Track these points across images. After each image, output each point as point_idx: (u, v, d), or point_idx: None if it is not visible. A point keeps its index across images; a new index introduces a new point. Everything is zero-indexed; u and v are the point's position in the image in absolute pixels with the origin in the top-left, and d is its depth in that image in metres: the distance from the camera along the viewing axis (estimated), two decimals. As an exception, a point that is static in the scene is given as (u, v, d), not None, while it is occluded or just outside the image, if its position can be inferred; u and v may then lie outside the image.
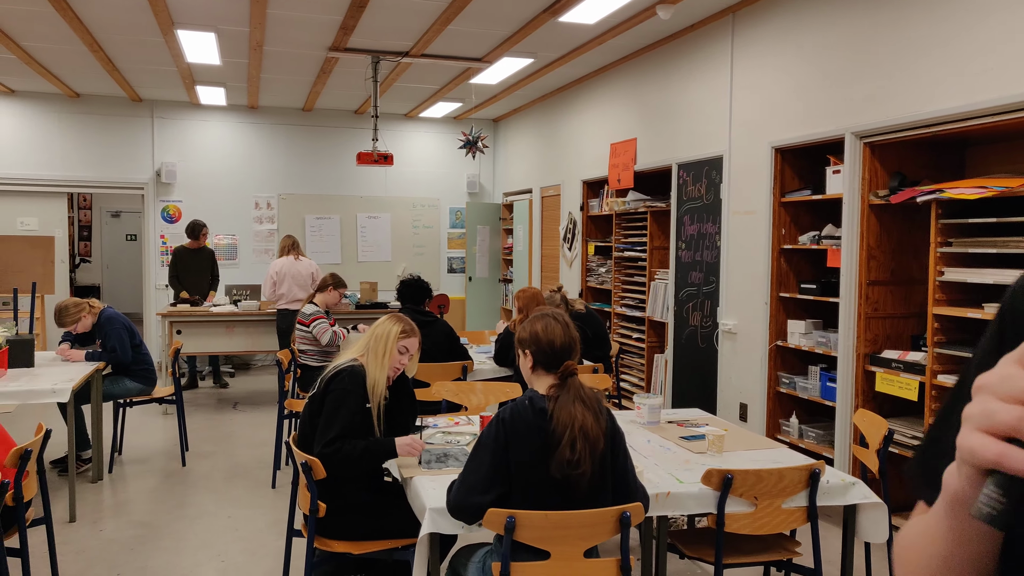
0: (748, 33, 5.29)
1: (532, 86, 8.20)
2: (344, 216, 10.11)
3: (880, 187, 4.27)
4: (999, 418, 0.51)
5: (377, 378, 3.08)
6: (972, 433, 0.53)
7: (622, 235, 7.22)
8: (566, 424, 2.32)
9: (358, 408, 3.01)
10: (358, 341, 3.26)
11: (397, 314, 3.32)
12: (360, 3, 5.35)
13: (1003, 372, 0.53)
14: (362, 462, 2.95)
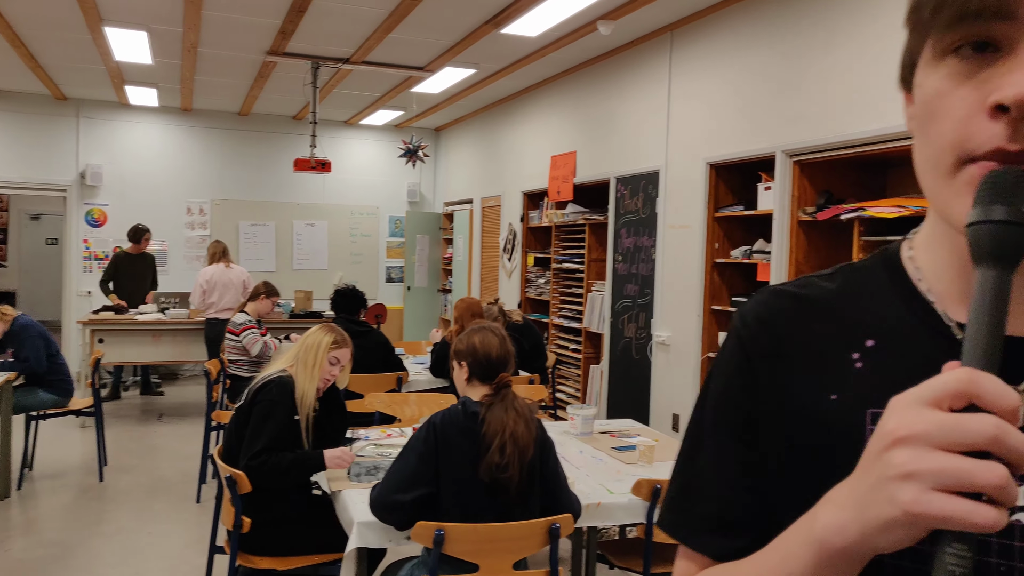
0: (685, 51, 5.39)
1: (474, 96, 8.21)
2: (280, 223, 9.93)
3: (808, 204, 4.39)
4: (979, 478, 0.45)
5: (306, 389, 3.02)
6: (930, 494, 0.46)
7: (561, 247, 7.26)
8: (497, 429, 2.36)
9: (286, 420, 2.94)
10: (288, 351, 3.19)
11: (329, 324, 3.26)
12: (300, 7, 5.27)
13: (937, 419, 0.47)
14: (289, 475, 2.89)
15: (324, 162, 7.37)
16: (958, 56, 0.56)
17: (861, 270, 0.72)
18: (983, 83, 0.54)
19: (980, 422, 0.46)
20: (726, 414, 0.73)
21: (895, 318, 0.66)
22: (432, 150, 10.62)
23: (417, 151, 8.21)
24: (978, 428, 0.46)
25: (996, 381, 0.47)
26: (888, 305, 0.68)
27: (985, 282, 0.52)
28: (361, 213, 10.37)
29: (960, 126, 0.55)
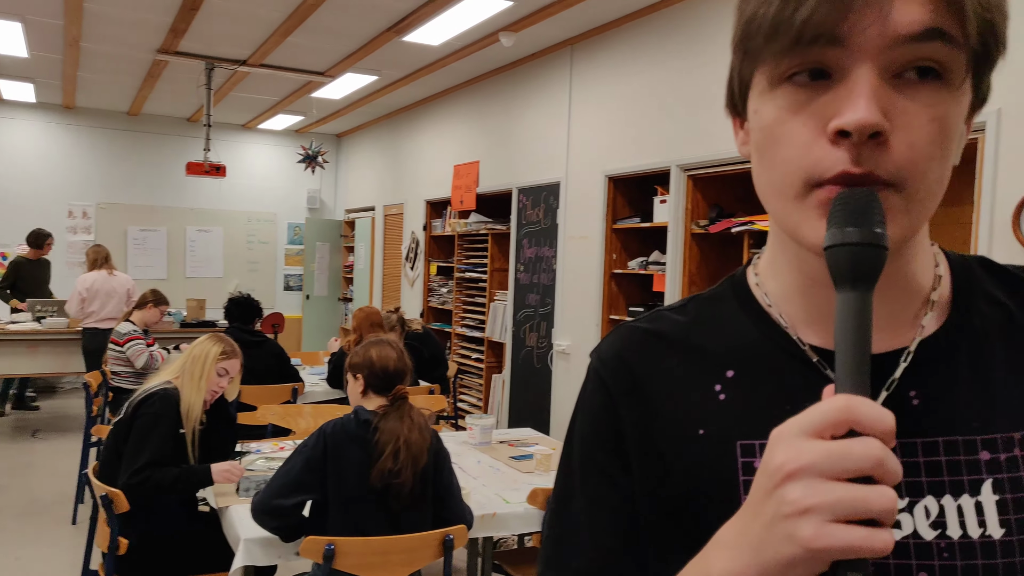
0: (585, 66, 5.49)
1: (376, 103, 8.11)
2: (172, 228, 9.53)
3: (701, 217, 4.53)
4: (875, 504, 0.45)
5: (193, 401, 2.90)
6: (830, 527, 0.46)
7: (464, 256, 7.25)
8: (391, 436, 2.36)
9: (170, 434, 2.81)
10: (174, 362, 3.06)
11: (218, 334, 3.15)
12: (192, 6, 5.09)
13: (823, 449, 0.47)
14: (174, 491, 2.77)
15: (219, 166, 7.13)
16: (793, 83, 0.56)
17: (712, 300, 0.72)
18: (822, 109, 0.54)
19: (866, 447, 0.46)
20: (594, 457, 0.70)
21: (751, 346, 0.66)
22: (333, 156, 10.44)
23: (316, 157, 8.05)
24: (864, 453, 0.46)
25: (872, 405, 0.48)
26: (743, 333, 0.68)
27: (847, 305, 0.52)
28: (259, 219, 10.08)
29: (804, 152, 0.55)
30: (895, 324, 0.63)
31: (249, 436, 4.04)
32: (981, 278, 0.67)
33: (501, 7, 4.80)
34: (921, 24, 0.52)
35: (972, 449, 0.60)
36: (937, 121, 0.54)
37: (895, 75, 0.53)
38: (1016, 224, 2.89)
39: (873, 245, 0.52)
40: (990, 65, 0.57)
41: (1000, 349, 0.63)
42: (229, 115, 9.11)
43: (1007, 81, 2.92)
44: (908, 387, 0.61)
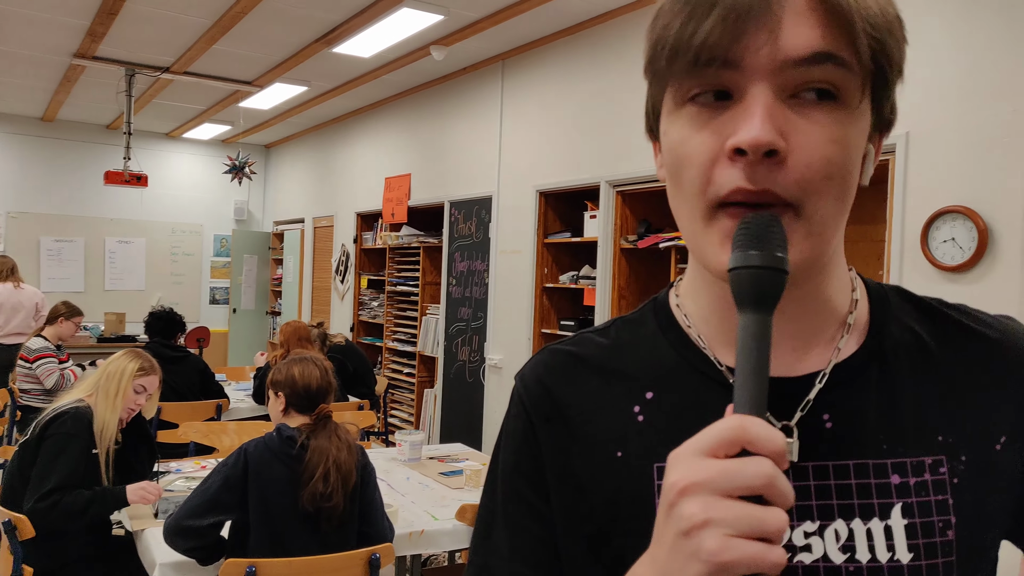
0: (516, 81, 5.53)
1: (306, 114, 8.00)
2: (90, 239, 9.18)
3: (630, 232, 4.60)
4: (770, 523, 0.46)
5: (107, 420, 2.78)
6: (732, 540, 0.46)
7: (395, 269, 7.19)
8: (320, 456, 2.30)
9: (82, 455, 2.68)
10: (87, 379, 2.93)
11: (135, 349, 3.03)
12: (111, 10, 4.92)
13: (717, 466, 0.48)
14: (86, 515, 2.63)
15: (140, 176, 6.91)
16: (696, 103, 0.57)
17: (633, 322, 0.72)
18: (721, 128, 0.55)
19: (757, 466, 0.47)
20: (516, 486, 0.70)
21: (670, 367, 0.67)
22: (261, 167, 10.23)
23: (244, 168, 7.87)
24: (755, 472, 0.47)
25: (764, 426, 0.48)
26: (662, 355, 0.68)
27: (748, 327, 0.53)
28: (183, 231, 9.79)
29: (704, 172, 0.56)
30: (811, 346, 0.64)
31: (169, 455, 3.91)
32: (896, 305, 0.68)
33: (432, 21, 4.80)
34: (810, 48, 0.53)
35: (882, 473, 0.60)
36: (835, 142, 0.54)
37: (792, 95, 0.54)
38: (924, 241, 3.02)
39: (774, 268, 0.52)
40: (888, 87, 0.58)
41: (913, 375, 0.64)
42: (152, 123, 8.85)
43: (914, 104, 3.06)
44: (822, 410, 0.62)
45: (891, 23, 0.56)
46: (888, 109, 0.60)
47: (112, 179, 6.79)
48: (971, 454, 0.62)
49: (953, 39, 2.98)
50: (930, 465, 0.61)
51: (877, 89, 0.57)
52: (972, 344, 0.65)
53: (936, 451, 0.61)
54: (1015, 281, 2.77)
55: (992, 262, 2.85)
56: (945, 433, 0.62)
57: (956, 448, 0.61)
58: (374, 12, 4.72)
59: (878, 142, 0.62)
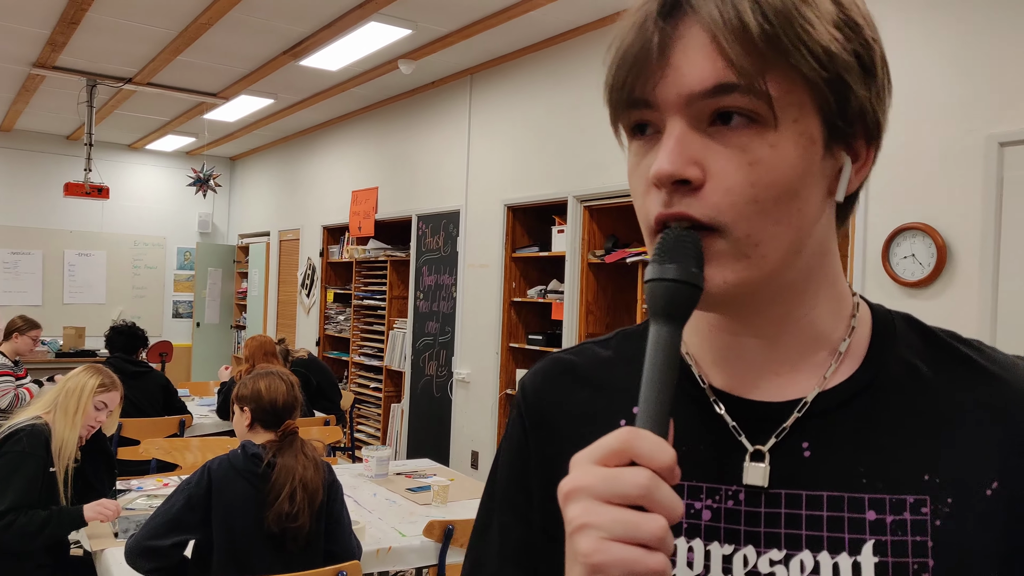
0: (484, 95, 5.55)
1: (273, 127, 7.94)
2: (48, 252, 8.99)
3: (597, 247, 4.63)
4: (643, 529, 0.48)
5: (66, 438, 2.72)
6: (607, 543, 0.48)
7: (362, 283, 7.14)
8: (287, 475, 2.26)
9: (38, 473, 2.62)
10: (45, 395, 2.86)
11: (96, 365, 2.97)
12: (72, 19, 4.85)
13: (599, 473, 0.49)
14: (42, 535, 2.57)
15: (101, 187, 6.79)
16: (636, 137, 0.61)
17: (633, 336, 0.73)
18: (648, 161, 0.58)
19: (634, 476, 0.48)
20: (508, 490, 0.73)
21: None
22: (226, 179, 10.12)
23: (208, 180, 7.78)
24: (632, 481, 0.48)
25: (653, 439, 0.49)
26: None
27: (654, 338, 0.53)
28: (146, 243, 9.64)
29: (642, 202, 0.59)
30: (798, 371, 0.63)
31: (131, 472, 3.83)
32: (901, 335, 0.66)
33: (400, 35, 4.80)
34: (712, 80, 0.54)
35: (858, 507, 0.59)
36: (755, 164, 0.55)
37: (710, 124, 0.56)
38: (885, 257, 3.09)
39: (684, 283, 0.54)
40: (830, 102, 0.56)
41: (905, 409, 0.62)
42: (113, 134, 8.71)
43: (876, 123, 3.13)
44: (801, 437, 0.61)
45: (824, 38, 0.54)
46: (845, 119, 0.57)
47: (72, 191, 6.67)
48: (958, 497, 0.59)
49: (912, 59, 3.05)
50: (911, 504, 0.59)
51: (820, 102, 0.56)
52: (975, 382, 0.62)
53: (920, 490, 0.59)
54: (972, 296, 2.84)
55: (951, 278, 2.92)
56: (932, 472, 0.59)
57: (942, 489, 0.59)
58: (342, 25, 4.71)
59: (865, 154, 0.60)
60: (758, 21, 0.53)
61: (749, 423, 0.63)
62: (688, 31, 0.55)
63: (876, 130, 0.60)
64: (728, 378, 0.65)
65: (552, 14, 4.40)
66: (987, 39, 2.84)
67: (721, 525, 0.61)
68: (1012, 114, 2.77)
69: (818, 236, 0.60)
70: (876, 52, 0.58)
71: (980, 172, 2.84)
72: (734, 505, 0.61)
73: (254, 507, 2.23)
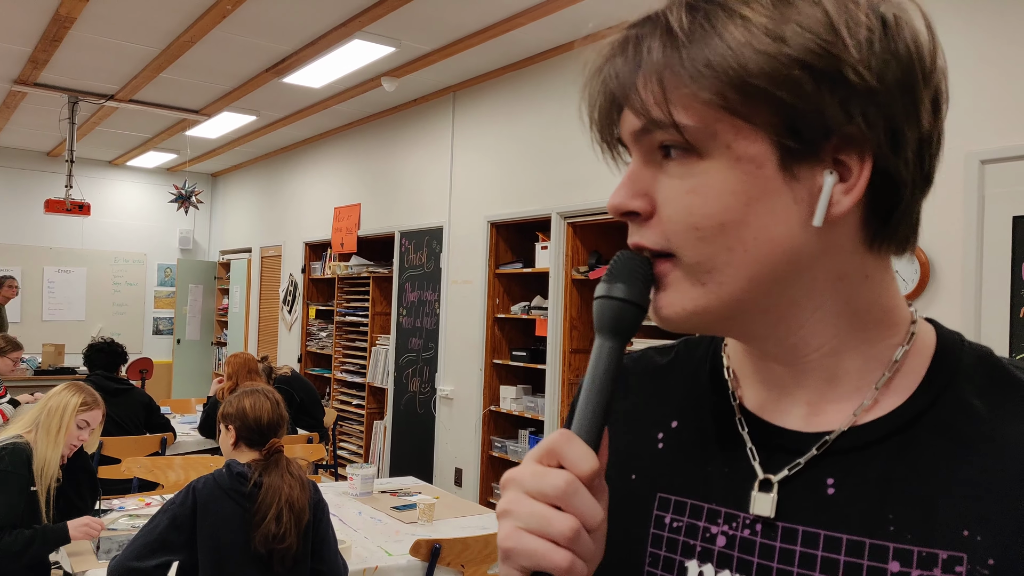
0: (467, 112, 5.59)
1: (255, 143, 7.93)
2: (28, 269, 8.90)
3: (581, 263, 4.66)
4: (554, 526, 0.51)
5: (49, 457, 2.69)
6: (519, 532, 0.52)
7: (344, 299, 7.13)
8: (273, 495, 2.25)
9: (20, 493, 2.60)
10: (26, 414, 2.84)
11: (78, 383, 2.95)
12: (54, 36, 4.84)
13: (530, 469, 0.54)
14: (27, 555, 2.54)
15: (82, 204, 6.75)
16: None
17: (694, 346, 0.72)
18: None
19: (555, 478, 0.52)
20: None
21: (700, 397, 0.67)
22: (208, 196, 10.09)
23: (190, 197, 7.75)
24: (552, 482, 0.52)
25: (580, 447, 0.53)
26: (699, 384, 0.68)
27: (596, 352, 0.57)
28: (126, 260, 9.57)
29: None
30: (825, 402, 0.60)
31: (112, 491, 3.79)
32: (967, 372, 0.58)
33: (383, 53, 4.84)
34: (640, 120, 0.56)
35: (881, 556, 0.54)
36: (694, 192, 0.55)
37: (664, 155, 0.57)
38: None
39: (627, 302, 0.57)
40: (772, 124, 0.52)
41: (952, 453, 0.55)
42: (95, 151, 8.67)
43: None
44: (827, 473, 0.58)
45: (745, 61, 0.51)
46: (806, 133, 0.52)
47: (52, 208, 6.63)
48: (1002, 559, 0.51)
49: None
50: (944, 560, 0.52)
51: (775, 123, 0.52)
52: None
53: (957, 547, 0.52)
54: (955, 313, 2.89)
55: (934, 294, 2.96)
56: (974, 529, 0.52)
57: (984, 548, 0.52)
58: (325, 43, 4.74)
59: (857, 169, 0.54)
60: (674, 53, 0.54)
61: (768, 450, 0.61)
62: (625, 73, 0.57)
63: (867, 143, 0.53)
64: (761, 400, 0.63)
65: (533, 33, 4.45)
66: (968, 58, 2.90)
67: (735, 554, 0.59)
68: (993, 132, 2.82)
69: (812, 262, 0.55)
70: (853, 51, 0.51)
71: (961, 190, 2.88)
72: (750, 535, 0.59)
73: (240, 527, 2.22)
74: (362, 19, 4.33)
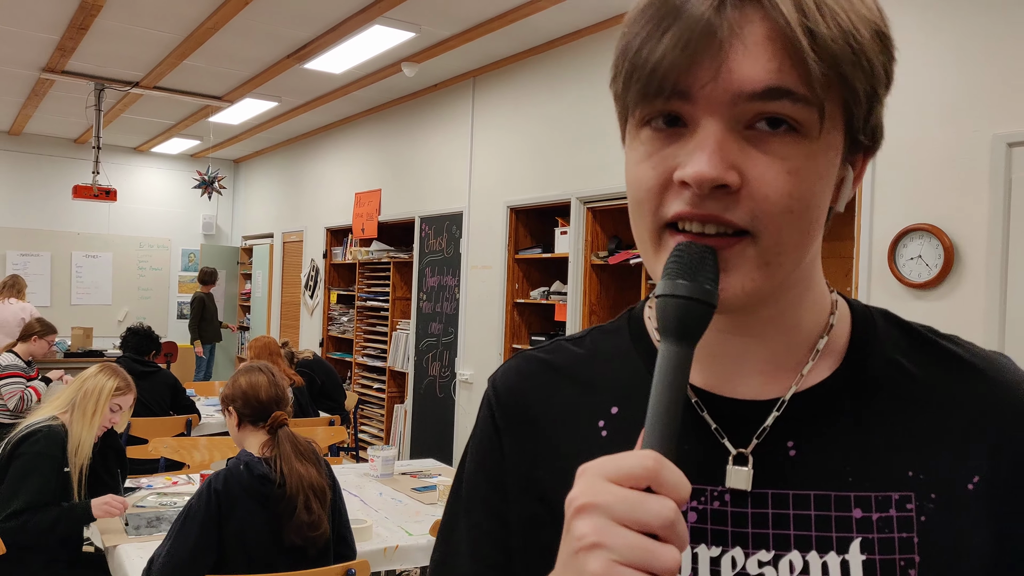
0: (487, 97, 5.60)
1: (276, 129, 7.99)
2: (57, 254, 9.06)
3: (601, 249, 4.67)
4: (659, 560, 0.45)
5: (83, 439, 2.76)
6: (618, 568, 0.45)
7: (365, 284, 7.19)
8: (296, 486, 2.21)
9: (53, 474, 2.67)
10: (62, 394, 2.90)
11: (111, 365, 3.01)
12: (81, 24, 4.91)
13: (620, 494, 0.47)
14: (55, 532, 2.61)
15: (109, 190, 6.85)
16: (651, 128, 0.56)
17: (609, 333, 0.71)
18: (672, 155, 0.55)
19: (661, 506, 0.46)
20: (478, 489, 0.70)
21: (638, 383, 0.65)
22: (231, 182, 10.18)
23: (213, 183, 7.84)
24: (658, 511, 0.46)
25: (676, 472, 0.48)
26: (632, 369, 0.67)
27: (667, 358, 0.51)
28: (151, 245, 9.70)
29: (655, 196, 0.56)
30: (777, 371, 0.62)
31: (139, 471, 3.88)
32: (882, 331, 0.65)
33: (403, 38, 4.85)
34: (763, 83, 0.51)
35: (844, 505, 0.59)
36: (793, 173, 0.53)
37: (748, 127, 0.53)
38: (891, 259, 3.10)
39: (700, 301, 0.52)
40: (858, 114, 0.55)
41: (889, 406, 0.61)
42: (120, 137, 8.78)
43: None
44: (787, 437, 0.61)
45: (861, 48, 0.53)
46: (867, 133, 0.57)
47: (80, 193, 6.73)
48: (942, 492, 0.59)
49: (918, 59, 3.09)
50: (897, 501, 0.58)
51: (848, 116, 0.55)
52: (959, 378, 0.62)
53: (905, 487, 0.59)
54: (980, 298, 2.86)
55: (958, 279, 2.92)
56: (916, 469, 0.59)
57: (926, 485, 0.59)
58: (345, 29, 4.76)
59: (861, 165, 0.60)
60: (823, 22, 0.51)
61: (730, 423, 0.62)
62: (748, 26, 0.51)
63: (873, 148, 0.59)
64: (709, 375, 0.63)
65: (554, 17, 4.45)
66: (994, 39, 2.86)
67: (708, 527, 0.60)
68: (1019, 114, 2.78)
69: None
70: (895, 64, 0.56)
71: (987, 172, 2.84)
72: (720, 506, 0.60)
73: (267, 525, 2.19)
74: (382, 4, 4.35)
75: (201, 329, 8.42)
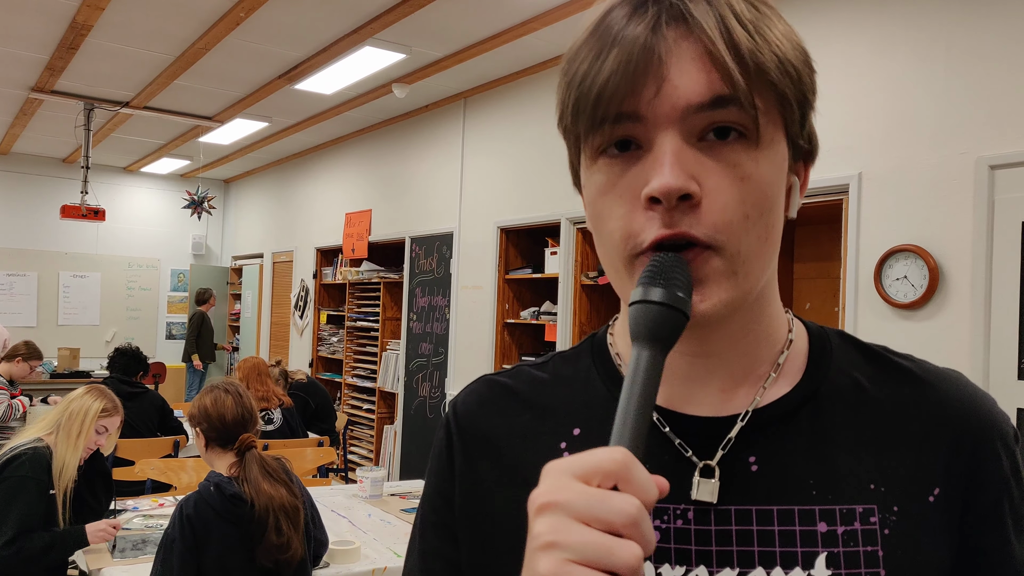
0: (477, 118, 5.63)
1: (267, 149, 8.00)
2: (43, 274, 9.00)
3: (591, 269, 4.69)
4: (618, 557, 0.43)
5: (68, 461, 2.72)
6: (569, 566, 0.43)
7: (355, 305, 7.18)
8: (265, 506, 2.17)
9: (38, 497, 2.63)
10: (47, 416, 2.87)
11: (98, 387, 2.98)
12: (71, 44, 4.92)
13: (583, 491, 0.45)
14: (45, 560, 2.57)
15: (97, 210, 6.83)
16: (607, 156, 0.57)
17: (571, 358, 0.72)
18: (634, 179, 0.55)
19: (624, 503, 0.44)
20: (435, 511, 0.70)
21: (600, 405, 0.66)
22: (220, 202, 10.17)
23: (203, 203, 7.83)
24: (621, 508, 0.44)
25: (644, 472, 0.46)
26: (594, 392, 0.67)
27: (639, 361, 0.51)
28: (140, 265, 9.66)
29: (624, 223, 0.56)
30: (737, 387, 0.63)
31: (126, 492, 3.83)
32: (837, 349, 0.66)
33: (394, 60, 4.88)
34: (710, 93, 0.53)
35: (809, 520, 0.59)
36: (746, 179, 0.54)
37: (700, 138, 0.54)
38: (878, 279, 3.13)
39: (672, 307, 0.52)
40: (797, 119, 0.58)
41: (848, 421, 0.62)
42: (109, 157, 8.76)
43: (867, 145, 3.20)
44: (748, 452, 0.61)
45: (786, 57, 0.55)
46: (805, 139, 0.60)
47: (69, 213, 6.71)
48: (904, 505, 0.59)
49: (903, 83, 3.13)
50: (860, 514, 0.59)
51: (788, 122, 0.57)
52: (914, 393, 0.63)
53: (868, 500, 0.59)
54: (965, 317, 2.88)
55: (943, 299, 2.95)
56: (878, 482, 0.60)
57: (888, 498, 0.59)
58: (336, 50, 4.79)
59: (804, 174, 0.62)
60: (747, 34, 0.53)
61: (693, 440, 0.62)
62: (681, 43, 0.53)
63: (812, 154, 0.62)
64: (670, 395, 0.63)
65: (544, 39, 4.48)
66: (977, 63, 2.91)
67: (671, 546, 0.60)
68: (1002, 137, 2.82)
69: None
70: (815, 75, 0.59)
71: (971, 194, 2.88)
72: (683, 524, 0.60)
73: (241, 546, 2.16)
74: (373, 26, 4.38)
75: (198, 346, 8.42)
